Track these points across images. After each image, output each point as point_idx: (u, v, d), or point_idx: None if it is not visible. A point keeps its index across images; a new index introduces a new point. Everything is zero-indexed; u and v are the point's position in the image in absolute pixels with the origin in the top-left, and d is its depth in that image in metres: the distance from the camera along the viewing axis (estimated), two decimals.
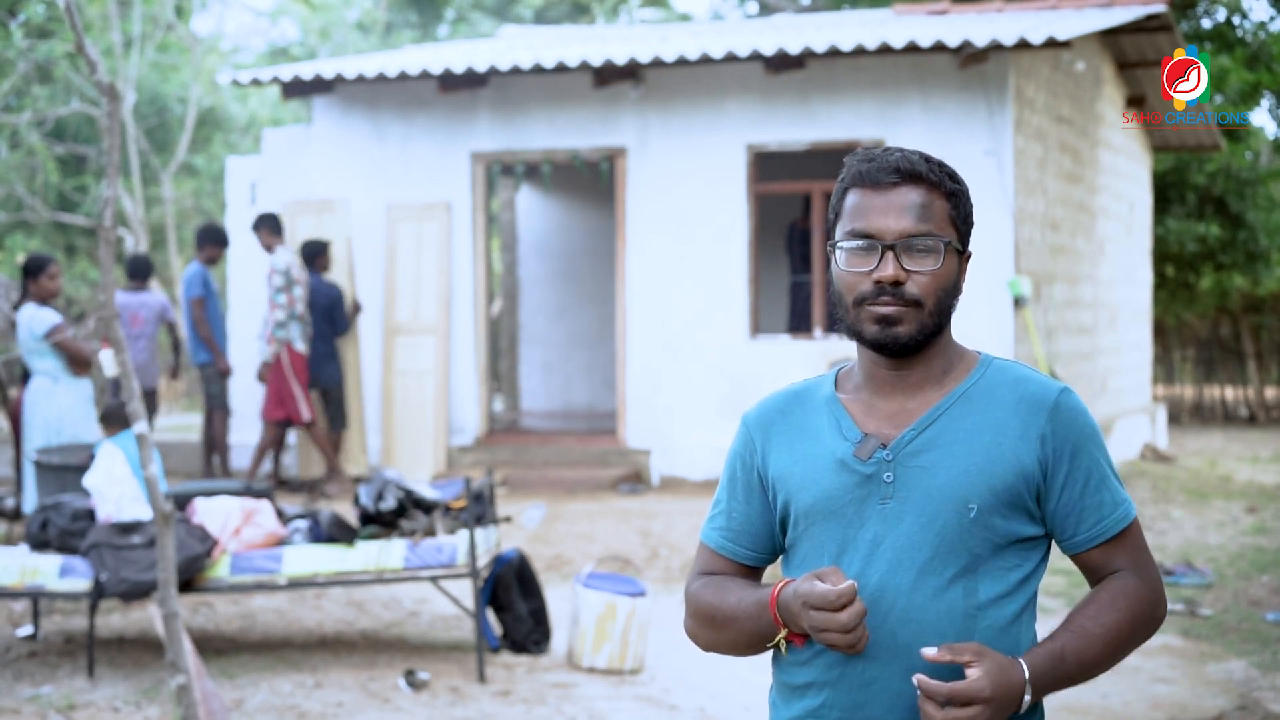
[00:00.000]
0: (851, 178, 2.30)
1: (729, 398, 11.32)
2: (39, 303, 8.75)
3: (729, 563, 2.42)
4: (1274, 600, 8.27)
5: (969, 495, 2.21)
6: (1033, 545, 2.28)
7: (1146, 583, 2.28)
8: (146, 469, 4.85)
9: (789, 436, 2.35)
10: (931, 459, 2.24)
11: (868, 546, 2.24)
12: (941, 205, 2.27)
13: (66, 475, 7.75)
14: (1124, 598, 2.25)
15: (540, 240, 16.44)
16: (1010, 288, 10.82)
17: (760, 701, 6.29)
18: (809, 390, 2.40)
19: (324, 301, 11.29)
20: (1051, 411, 2.25)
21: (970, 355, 2.34)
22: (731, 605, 2.32)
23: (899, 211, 2.25)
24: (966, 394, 2.28)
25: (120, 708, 6.17)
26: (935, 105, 11.06)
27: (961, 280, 2.31)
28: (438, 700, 6.27)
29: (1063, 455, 2.24)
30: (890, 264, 2.23)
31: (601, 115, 11.77)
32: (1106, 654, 2.24)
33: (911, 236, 2.23)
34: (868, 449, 2.26)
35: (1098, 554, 2.28)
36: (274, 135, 12.90)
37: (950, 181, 2.29)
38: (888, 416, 2.29)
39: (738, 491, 2.42)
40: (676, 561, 9.16)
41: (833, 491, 2.27)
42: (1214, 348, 20.59)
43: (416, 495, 7.04)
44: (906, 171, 2.26)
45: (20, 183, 18.00)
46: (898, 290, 2.23)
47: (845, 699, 2.24)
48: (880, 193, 2.26)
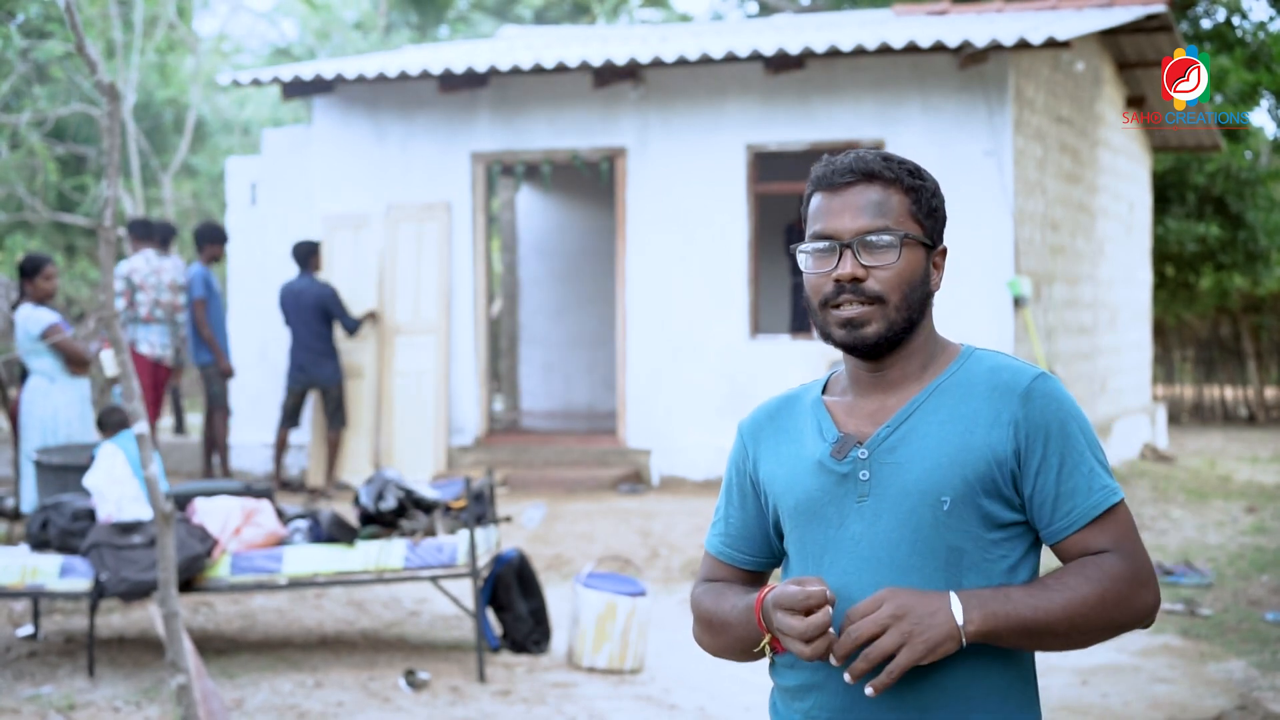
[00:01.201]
0: (813, 182, 2.32)
1: (729, 398, 11.33)
2: (36, 303, 8.75)
3: (731, 569, 2.45)
4: (1274, 600, 8.27)
5: (942, 488, 2.20)
6: (1017, 535, 2.25)
7: (1130, 566, 2.19)
8: (146, 469, 4.85)
9: (776, 441, 2.37)
10: (905, 454, 2.24)
11: (848, 546, 2.24)
12: (900, 200, 2.28)
13: (66, 475, 7.75)
14: (1097, 569, 2.18)
15: (540, 240, 16.44)
16: (1010, 288, 10.82)
17: (760, 701, 6.30)
18: (799, 395, 2.42)
19: (312, 300, 11.28)
20: (1024, 396, 2.22)
21: (952, 348, 2.34)
22: (725, 611, 2.34)
23: (855, 210, 2.26)
24: (941, 387, 2.28)
25: (120, 708, 6.18)
26: (935, 105, 11.06)
27: (933, 274, 2.31)
28: (438, 700, 6.28)
29: (1035, 440, 2.21)
30: (849, 262, 2.25)
31: (601, 115, 11.77)
32: (1064, 617, 2.15)
33: (867, 233, 2.24)
34: (844, 448, 2.27)
35: (1076, 540, 2.21)
36: (274, 136, 12.90)
37: (910, 177, 2.29)
38: (868, 415, 2.30)
39: (734, 498, 2.44)
40: (676, 561, 9.17)
41: (813, 493, 2.28)
42: (1214, 348, 20.60)
43: (416, 495, 7.04)
44: (861, 170, 2.28)
45: (20, 183, 18.00)
46: (858, 288, 2.24)
47: (834, 701, 2.24)
48: (837, 193, 2.28)
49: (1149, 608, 2.22)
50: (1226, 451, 15.76)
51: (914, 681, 2.19)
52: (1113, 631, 2.21)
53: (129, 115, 16.94)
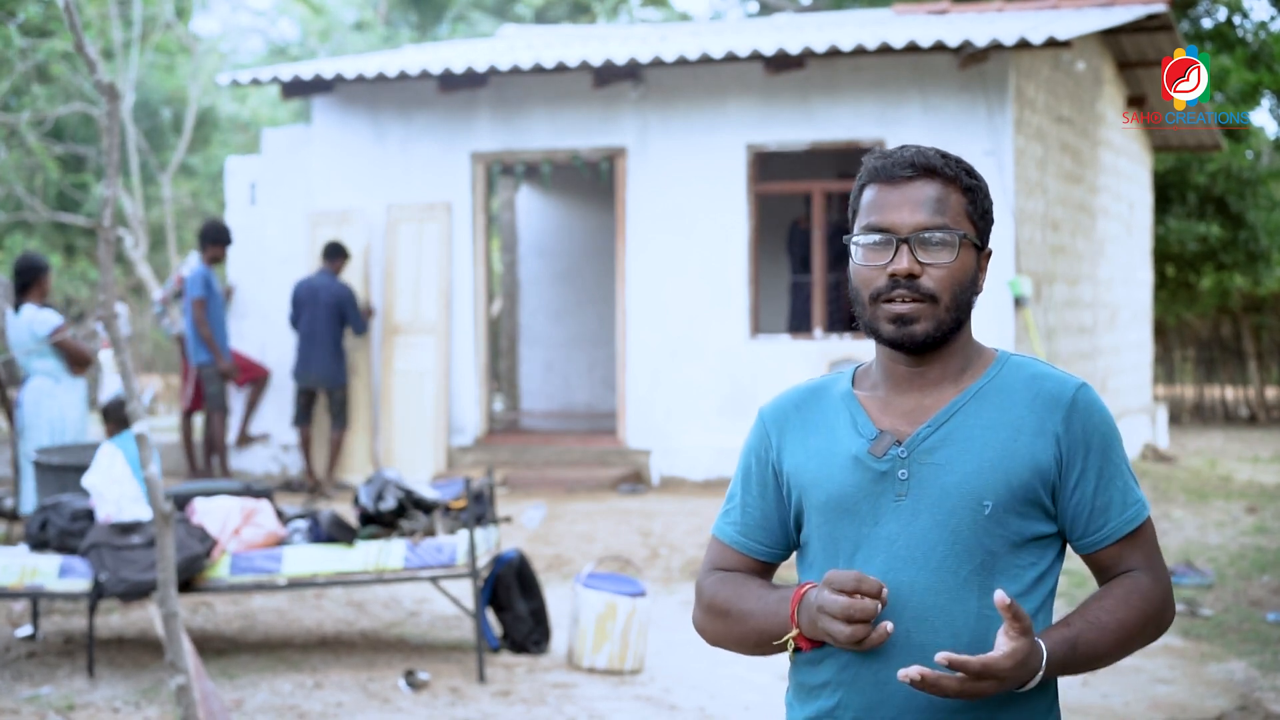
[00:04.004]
0: (868, 174, 2.29)
1: (729, 398, 11.32)
2: (39, 304, 8.76)
3: (742, 557, 2.41)
4: (1274, 600, 8.27)
5: (984, 492, 2.20)
6: (1048, 543, 2.26)
7: (1158, 584, 2.26)
8: (146, 469, 4.85)
9: (804, 432, 2.34)
10: (946, 456, 2.22)
11: (884, 544, 2.22)
12: (958, 199, 2.26)
13: (66, 475, 7.74)
14: (1138, 596, 2.23)
15: (540, 240, 16.44)
16: (1010, 288, 10.81)
17: (761, 701, 6.29)
18: (826, 386, 2.39)
19: (330, 298, 11.30)
20: (1068, 408, 2.23)
21: (988, 352, 2.33)
22: (750, 602, 2.31)
23: (914, 205, 2.24)
24: (982, 391, 2.27)
25: (120, 708, 6.17)
26: (935, 105, 11.06)
27: (981, 277, 2.31)
28: (438, 700, 6.27)
29: (1077, 452, 2.22)
30: (905, 257, 2.22)
31: (601, 115, 11.76)
32: (1114, 649, 2.22)
33: (926, 230, 2.23)
34: (882, 446, 2.25)
35: (1109, 553, 2.26)
36: (274, 135, 12.89)
37: (967, 176, 2.29)
38: (904, 413, 2.28)
39: (752, 486, 2.40)
40: (676, 561, 9.16)
41: (847, 488, 2.26)
42: (1214, 348, 20.59)
43: (416, 495, 7.03)
44: (922, 166, 2.26)
45: (20, 183, 17.99)
46: (912, 284, 2.22)
47: (859, 699, 2.22)
48: (895, 187, 2.26)
49: (1170, 622, 2.29)
50: (1227, 451, 15.75)
51: None
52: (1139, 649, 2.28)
53: (128, 115, 16.93)
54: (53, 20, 17.17)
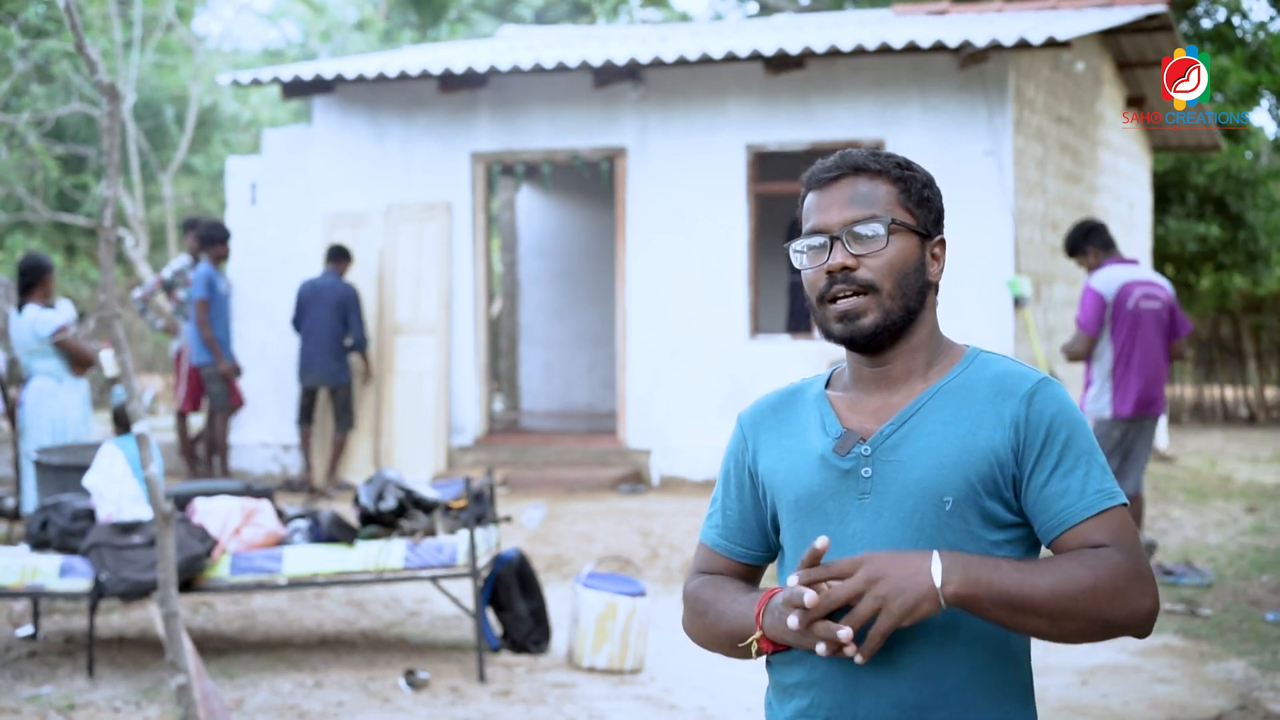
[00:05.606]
0: (804, 182, 2.36)
1: (729, 398, 11.32)
2: (42, 304, 8.78)
3: (726, 561, 2.44)
4: (1274, 600, 8.27)
5: (944, 488, 2.20)
6: (1019, 537, 2.24)
7: (1129, 561, 2.14)
8: (146, 469, 4.85)
9: (778, 434, 2.37)
10: (908, 453, 2.23)
11: (849, 542, 2.23)
12: (887, 190, 2.30)
13: (66, 475, 7.75)
14: (1094, 558, 2.13)
15: (540, 240, 16.44)
16: (1010, 288, 10.82)
17: (761, 701, 6.30)
18: (803, 389, 2.41)
19: (334, 297, 11.31)
20: (1028, 399, 2.22)
21: (958, 349, 2.34)
22: (725, 604, 2.34)
23: (842, 203, 2.29)
24: (945, 388, 2.27)
25: (120, 708, 6.17)
26: (935, 105, 11.06)
27: (934, 266, 2.32)
28: (438, 700, 6.27)
29: (1034, 439, 2.20)
30: (839, 252, 2.27)
31: (601, 115, 11.77)
32: (1050, 598, 2.10)
33: (854, 223, 2.27)
34: (846, 444, 2.27)
35: (1072, 536, 2.17)
36: (274, 135, 12.89)
37: (897, 168, 2.31)
38: (871, 412, 2.30)
39: (731, 489, 2.44)
40: (676, 561, 9.17)
41: (814, 488, 2.28)
42: (1214, 348, 20.59)
43: (416, 495, 7.04)
44: (847, 165, 2.31)
45: (20, 183, 18.00)
46: (849, 277, 2.25)
47: (831, 698, 2.23)
48: (825, 189, 2.31)
49: (1145, 611, 2.15)
50: (1227, 451, 15.75)
51: (912, 679, 2.19)
52: (1103, 626, 2.14)
53: (129, 115, 16.94)
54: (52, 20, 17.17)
